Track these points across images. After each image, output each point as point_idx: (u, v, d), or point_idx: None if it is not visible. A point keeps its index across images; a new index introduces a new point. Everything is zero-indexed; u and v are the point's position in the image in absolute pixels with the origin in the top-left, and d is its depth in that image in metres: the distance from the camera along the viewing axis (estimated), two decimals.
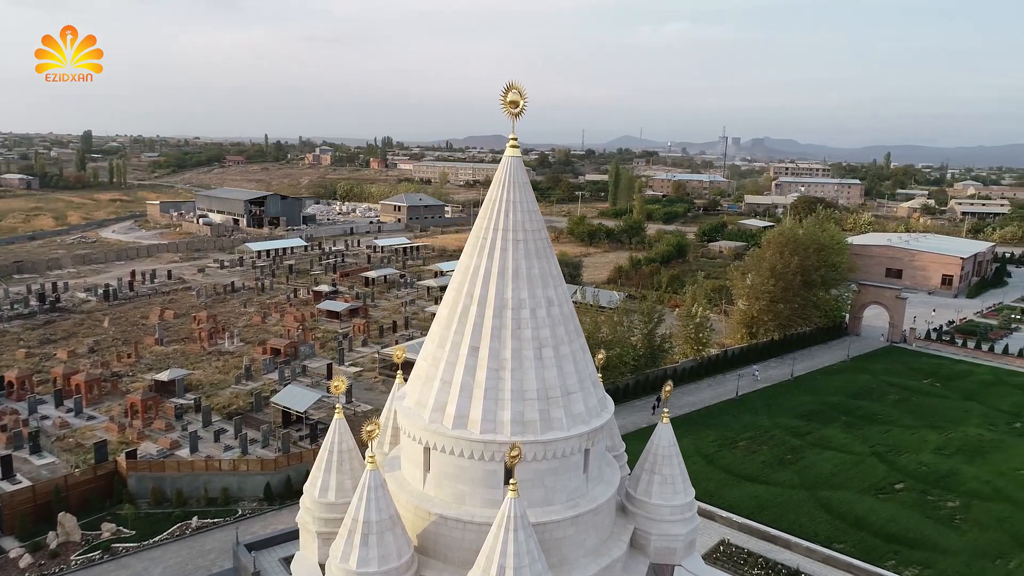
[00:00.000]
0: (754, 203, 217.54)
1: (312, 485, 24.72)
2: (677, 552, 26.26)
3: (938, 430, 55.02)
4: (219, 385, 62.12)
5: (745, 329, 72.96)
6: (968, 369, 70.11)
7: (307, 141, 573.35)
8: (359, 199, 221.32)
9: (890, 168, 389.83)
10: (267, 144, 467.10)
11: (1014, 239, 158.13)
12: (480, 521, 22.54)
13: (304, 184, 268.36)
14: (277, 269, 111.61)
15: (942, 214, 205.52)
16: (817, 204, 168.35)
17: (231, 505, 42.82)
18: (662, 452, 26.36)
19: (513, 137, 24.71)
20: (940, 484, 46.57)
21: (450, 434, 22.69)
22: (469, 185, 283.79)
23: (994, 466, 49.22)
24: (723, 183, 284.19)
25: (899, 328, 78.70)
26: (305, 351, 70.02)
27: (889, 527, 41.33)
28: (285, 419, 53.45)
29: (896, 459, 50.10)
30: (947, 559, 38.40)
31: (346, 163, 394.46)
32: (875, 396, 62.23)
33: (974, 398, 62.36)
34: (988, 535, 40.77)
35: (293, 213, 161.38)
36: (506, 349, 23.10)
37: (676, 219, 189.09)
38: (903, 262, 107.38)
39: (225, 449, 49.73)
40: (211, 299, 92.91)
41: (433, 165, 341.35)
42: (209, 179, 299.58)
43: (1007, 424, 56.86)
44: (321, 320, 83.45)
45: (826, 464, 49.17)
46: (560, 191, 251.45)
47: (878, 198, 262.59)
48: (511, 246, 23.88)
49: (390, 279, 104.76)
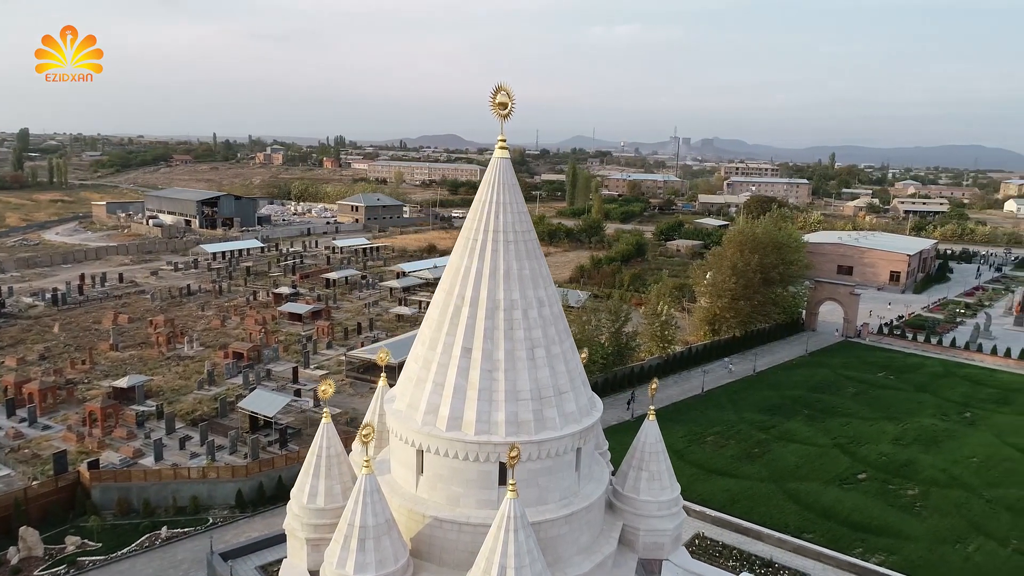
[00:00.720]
0: (708, 202, 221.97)
1: (300, 491, 24.42)
2: (665, 547, 26.71)
3: (895, 421, 57.09)
4: (181, 391, 60.52)
5: (708, 326, 74.44)
6: (919, 362, 72.93)
7: (257, 140, 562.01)
8: (314, 199, 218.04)
9: (835, 168, 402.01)
10: (216, 143, 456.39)
11: (954, 236, 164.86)
12: (476, 522, 22.59)
13: (256, 184, 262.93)
14: (234, 271, 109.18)
15: (886, 213, 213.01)
16: (770, 203, 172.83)
17: (201, 514, 41.76)
18: (649, 449, 26.78)
19: (502, 139, 24.82)
20: (900, 473, 48.34)
21: (444, 436, 22.67)
22: (425, 185, 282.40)
23: (948, 455, 51.31)
24: (677, 183, 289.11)
25: (853, 323, 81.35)
26: (269, 355, 68.72)
27: (854, 516, 42.75)
28: (252, 424, 52.40)
29: (857, 450, 51.82)
30: (910, 545, 39.91)
31: (298, 163, 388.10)
32: (834, 389, 64.23)
33: (926, 390, 64.90)
34: (947, 521, 42.51)
35: (247, 214, 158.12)
36: (499, 350, 23.20)
37: (633, 218, 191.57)
38: (853, 259, 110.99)
39: (191, 456, 48.47)
40: (166, 303, 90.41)
41: (388, 165, 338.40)
42: (156, 179, 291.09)
43: (958, 414, 59.32)
44: (283, 323, 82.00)
45: (791, 457, 50.55)
46: None
47: (825, 197, 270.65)
48: (502, 247, 23.99)
49: (351, 280, 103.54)
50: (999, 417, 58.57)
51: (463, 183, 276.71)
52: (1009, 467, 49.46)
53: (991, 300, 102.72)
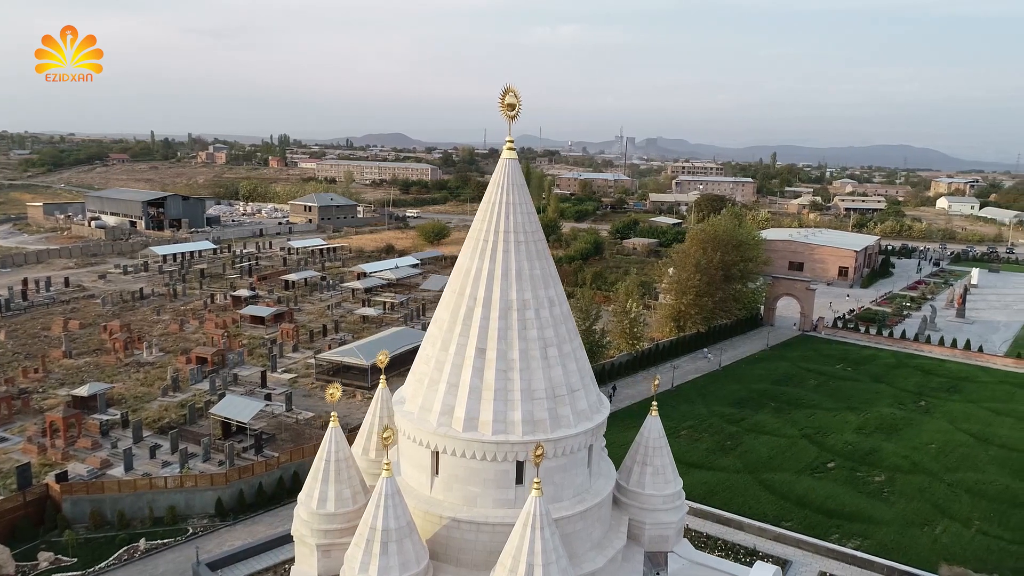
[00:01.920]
0: (658, 201, 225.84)
1: (309, 496, 24.12)
2: (669, 539, 27.33)
3: (856, 411, 59.36)
4: (144, 398, 58.58)
5: (673, 323, 75.93)
6: (873, 354, 75.93)
7: (197, 138, 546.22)
8: (264, 199, 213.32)
9: (776, 167, 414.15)
10: (154, 141, 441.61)
11: (893, 233, 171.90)
12: (494, 522, 22.70)
13: (200, 183, 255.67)
14: (187, 274, 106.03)
15: (828, 210, 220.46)
16: (720, 202, 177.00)
17: (180, 524, 40.61)
18: (652, 444, 27.33)
19: (510, 140, 25.01)
20: (866, 461, 50.34)
21: (461, 437, 22.70)
22: (376, 184, 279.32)
23: (908, 442, 53.65)
24: (627, 182, 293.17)
25: (809, 318, 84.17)
26: (233, 359, 67.11)
27: (828, 503, 44.32)
28: (225, 430, 51.16)
29: (824, 440, 53.71)
30: (882, 529, 41.64)
31: (243, 161, 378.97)
32: (796, 382, 66.37)
33: (882, 380, 67.66)
34: (913, 505, 44.48)
35: (196, 215, 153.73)
36: (513, 350, 23.34)
37: (587, 217, 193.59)
38: (804, 255, 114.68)
39: (163, 465, 47.05)
40: (118, 307, 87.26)
41: (337, 164, 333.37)
42: (91, 179, 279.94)
43: (913, 403, 62.06)
44: (244, 326, 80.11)
45: (763, 448, 52.06)
46: (471, 190, 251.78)
47: (769, 195, 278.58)
48: (513, 248, 24.14)
49: (311, 282, 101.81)
50: (951, 405, 61.51)
51: (415, 182, 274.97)
52: (965, 452, 52.03)
53: (933, 293, 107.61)
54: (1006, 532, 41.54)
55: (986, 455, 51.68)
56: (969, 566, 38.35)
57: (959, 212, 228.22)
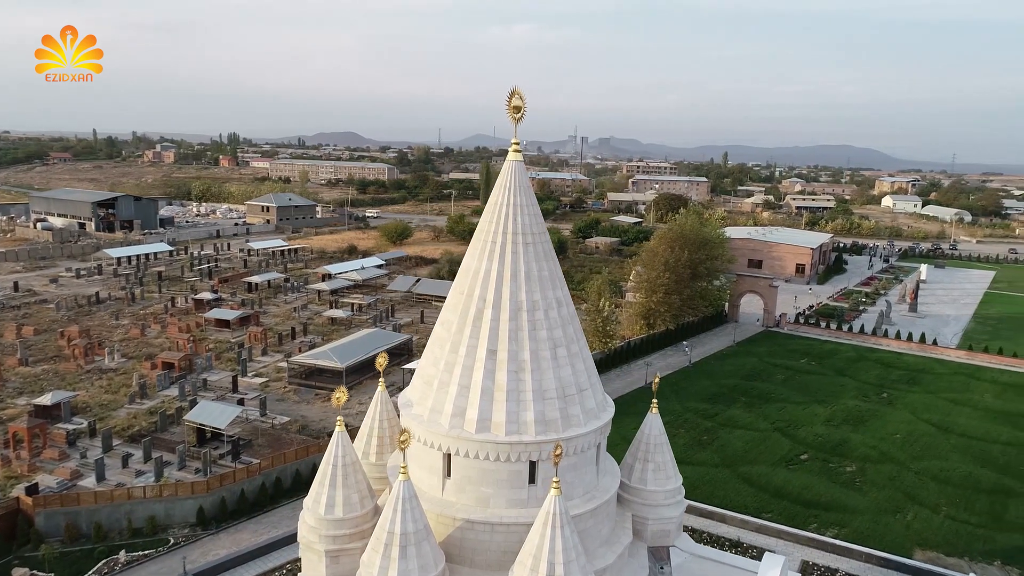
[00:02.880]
0: (617, 200, 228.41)
1: (316, 502, 23.89)
2: (671, 534, 27.86)
3: (823, 404, 61.23)
4: (110, 406, 56.79)
5: (643, 320, 77.03)
6: (835, 348, 78.39)
7: (143, 137, 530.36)
8: (218, 199, 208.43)
9: (727, 167, 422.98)
10: (97, 140, 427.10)
11: (843, 230, 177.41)
12: (509, 522, 22.85)
13: (148, 183, 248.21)
14: (144, 277, 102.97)
15: (780, 209, 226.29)
16: (678, 201, 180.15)
17: (160, 534, 39.56)
18: (653, 441, 27.82)
19: (515, 142, 25.16)
20: (836, 452, 52.00)
21: (474, 439, 22.78)
22: (331, 184, 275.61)
23: (875, 432, 55.61)
24: (585, 181, 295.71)
25: (772, 314, 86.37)
26: (202, 364, 65.55)
27: (805, 494, 45.68)
28: (199, 437, 49.97)
29: (795, 432, 55.26)
30: (857, 517, 43.12)
31: (192, 161, 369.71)
32: (765, 377, 68.06)
33: (845, 373, 69.92)
34: (884, 493, 46.17)
35: (148, 216, 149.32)
36: (524, 351, 23.51)
37: (547, 217, 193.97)
38: (763, 253, 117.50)
39: (137, 475, 45.71)
40: (74, 312, 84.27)
41: (291, 163, 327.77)
42: (31, 179, 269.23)
43: (876, 395, 64.32)
44: (209, 330, 78.27)
45: (738, 442, 53.29)
46: (429, 189, 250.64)
47: (723, 194, 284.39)
48: (521, 249, 24.31)
49: (274, 284, 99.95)
50: (912, 396, 63.94)
51: (372, 182, 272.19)
52: (928, 441, 54.20)
53: (885, 289, 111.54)
54: (972, 516, 43.46)
55: (948, 444, 53.93)
56: (940, 550, 40.03)
57: (903, 210, 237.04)
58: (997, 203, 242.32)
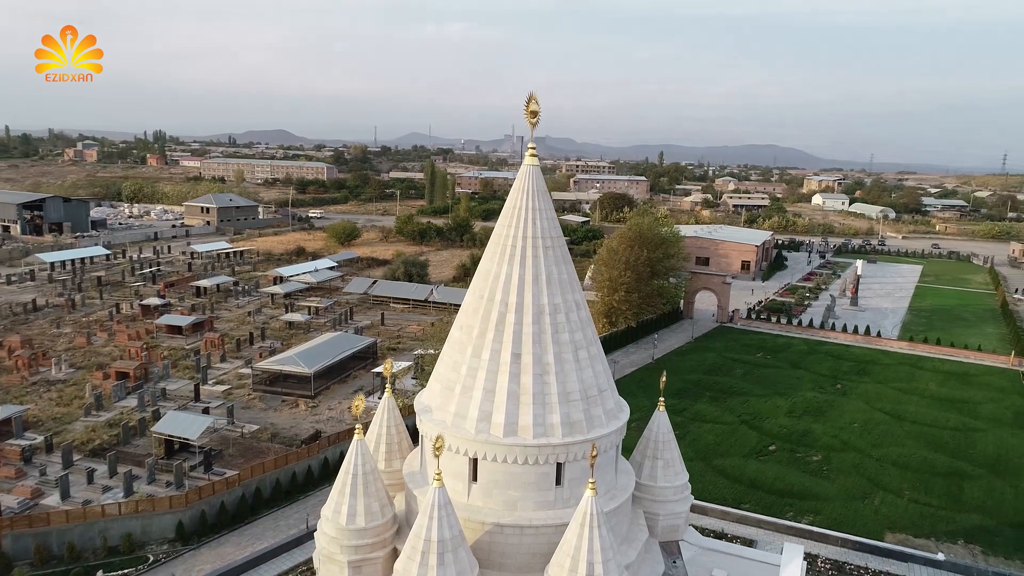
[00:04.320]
0: (560, 199, 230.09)
1: (336, 513, 23.57)
2: (680, 529, 28.57)
3: (783, 396, 63.56)
4: (64, 419, 54.07)
5: (605, 319, 78.20)
6: (787, 342, 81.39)
7: (60, 134, 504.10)
8: (151, 200, 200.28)
9: (663, 166, 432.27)
10: (9, 136, 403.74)
11: (779, 227, 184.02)
12: (538, 524, 23.04)
13: (72, 183, 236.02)
14: (83, 282, 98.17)
15: (718, 207, 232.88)
16: (622, 200, 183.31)
17: (137, 552, 38.00)
18: (662, 438, 28.52)
19: (532, 146, 25.38)
20: (802, 442, 54.11)
21: (502, 443, 22.87)
22: (269, 183, 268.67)
23: (834, 422, 58.12)
24: None
25: (726, 310, 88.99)
26: (158, 373, 63.10)
27: (777, 484, 47.39)
28: (168, 449, 48.14)
29: (761, 425, 57.21)
30: (829, 505, 45.03)
31: (117, 160, 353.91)
32: (725, 371, 70.11)
33: (800, 366, 72.72)
34: (850, 480, 48.34)
35: (79, 218, 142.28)
36: (548, 353, 23.73)
37: (494, 216, 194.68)
38: (710, 251, 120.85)
39: (104, 491, 43.73)
40: (9, 320, 79.68)
41: (225, 162, 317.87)
42: None
43: (831, 386, 67.17)
44: (161, 336, 75.32)
45: (709, 436, 54.81)
46: (371, 189, 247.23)
47: (662, 193, 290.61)
48: (542, 253, 24.53)
49: (224, 287, 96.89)
50: (864, 386, 67.06)
51: (311, 182, 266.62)
52: (884, 429, 56.99)
53: (825, 284, 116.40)
54: (933, 499, 46.00)
55: (902, 430, 56.84)
56: (908, 532, 42.24)
57: (832, 208, 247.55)
58: (917, 201, 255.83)
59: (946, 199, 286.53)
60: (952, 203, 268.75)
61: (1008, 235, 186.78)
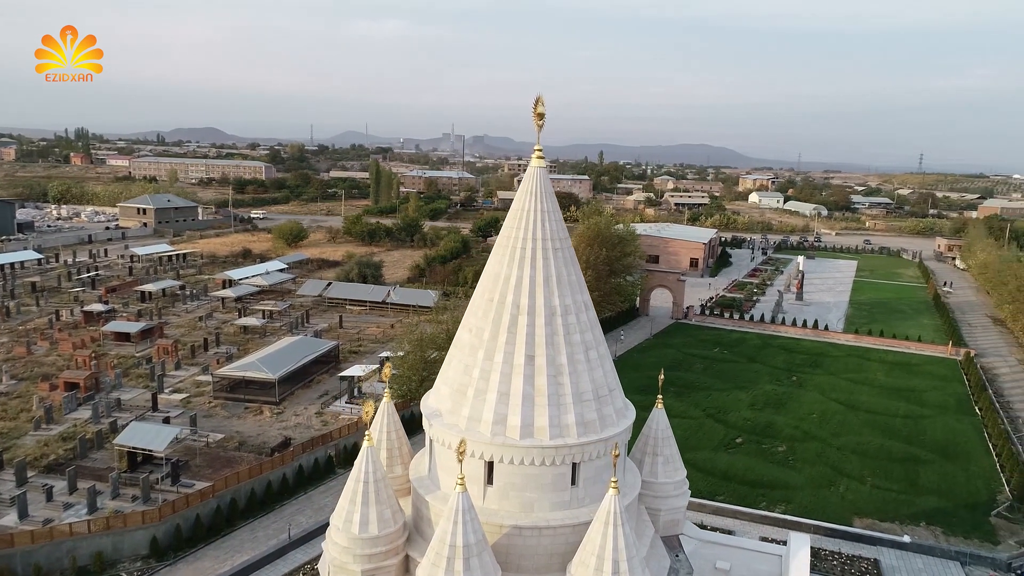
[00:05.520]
0: (506, 199, 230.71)
1: (348, 522, 23.26)
2: (679, 523, 29.20)
3: (743, 389, 65.42)
4: (12, 434, 51.18)
5: None
6: (741, 336, 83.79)
7: None
8: (80, 201, 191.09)
9: (603, 165, 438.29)
10: None
11: (721, 225, 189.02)
12: (556, 525, 23.21)
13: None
14: (15, 288, 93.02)
15: (660, 206, 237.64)
16: (569, 199, 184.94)
17: (109, 571, 36.34)
18: (661, 435, 29.07)
19: (538, 148, 25.55)
20: (766, 434, 55.83)
21: (519, 445, 22.93)
22: (204, 183, 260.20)
23: (794, 413, 60.19)
24: (472, 179, 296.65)
25: (681, 307, 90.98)
26: (110, 382, 60.41)
27: (748, 475, 48.78)
28: (131, 462, 46.16)
29: (726, 418, 58.75)
30: (799, 493, 46.64)
31: (38, 158, 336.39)
32: (686, 367, 71.72)
33: (756, 360, 74.98)
34: (815, 469, 50.17)
35: (4, 220, 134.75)
36: (561, 355, 23.91)
37: (440, 215, 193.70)
38: (659, 248, 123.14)
39: (65, 508, 41.63)
40: None
41: (157, 161, 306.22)
42: None
43: (787, 379, 69.54)
44: (108, 344, 72.10)
45: (677, 430, 54.91)
46: (313, 189, 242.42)
47: (604, 192, 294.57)
48: (552, 255, 24.69)
49: (170, 292, 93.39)
50: (817, 378, 69.66)
51: (249, 181, 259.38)
52: (841, 419, 59.36)
53: (770, 280, 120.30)
54: (893, 484, 48.20)
55: (857, 420, 59.32)
56: (874, 517, 44.14)
57: (769, 206, 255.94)
58: (846, 199, 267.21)
59: (872, 197, 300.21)
60: (878, 201, 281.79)
61: (932, 231, 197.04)
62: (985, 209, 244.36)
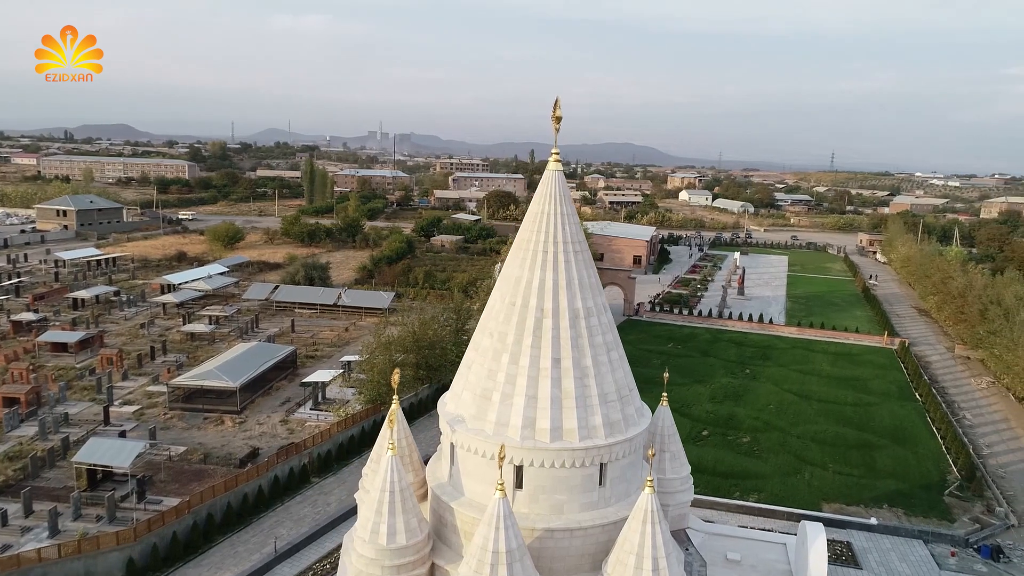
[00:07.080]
0: (443, 198, 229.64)
1: (375, 533, 22.97)
2: (686, 517, 29.96)
3: (702, 383, 67.28)
4: None
5: None
6: (692, 331, 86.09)
7: None
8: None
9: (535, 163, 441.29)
10: None
11: (656, 223, 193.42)
12: (587, 525, 23.50)
13: None
14: None
15: (595, 204, 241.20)
16: (508, 198, 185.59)
17: None
18: (667, 432, 29.71)
19: (555, 151, 25.71)
20: (730, 426, 57.62)
21: (549, 448, 23.06)
22: (123, 183, 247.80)
23: (753, 405, 62.33)
24: (406, 178, 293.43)
25: (632, 304, 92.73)
26: (54, 396, 56.93)
27: (719, 467, 50.24)
28: (91, 480, 43.69)
29: (690, 412, 60.29)
30: (768, 482, 48.38)
31: None
32: (644, 363, 72.89)
33: (709, 354, 77.21)
34: (780, 458, 52.15)
35: None
36: (586, 357, 24.17)
37: (378, 215, 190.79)
38: (603, 247, 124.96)
39: (22, 532, 39.08)
40: None
41: (69, 160, 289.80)
42: None
43: (741, 371, 71.93)
44: (44, 355, 67.89)
45: None
46: (242, 189, 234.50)
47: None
48: (573, 258, 24.87)
49: (104, 298, 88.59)
50: (769, 370, 72.34)
51: (172, 181, 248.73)
52: (797, 409, 61.85)
53: (710, 276, 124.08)
54: (854, 470, 50.64)
55: (811, 409, 61.96)
56: (841, 501, 46.30)
57: (698, 203, 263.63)
58: (770, 196, 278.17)
59: (793, 195, 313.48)
60: (799, 198, 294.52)
61: (852, 227, 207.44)
62: (896, 205, 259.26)
